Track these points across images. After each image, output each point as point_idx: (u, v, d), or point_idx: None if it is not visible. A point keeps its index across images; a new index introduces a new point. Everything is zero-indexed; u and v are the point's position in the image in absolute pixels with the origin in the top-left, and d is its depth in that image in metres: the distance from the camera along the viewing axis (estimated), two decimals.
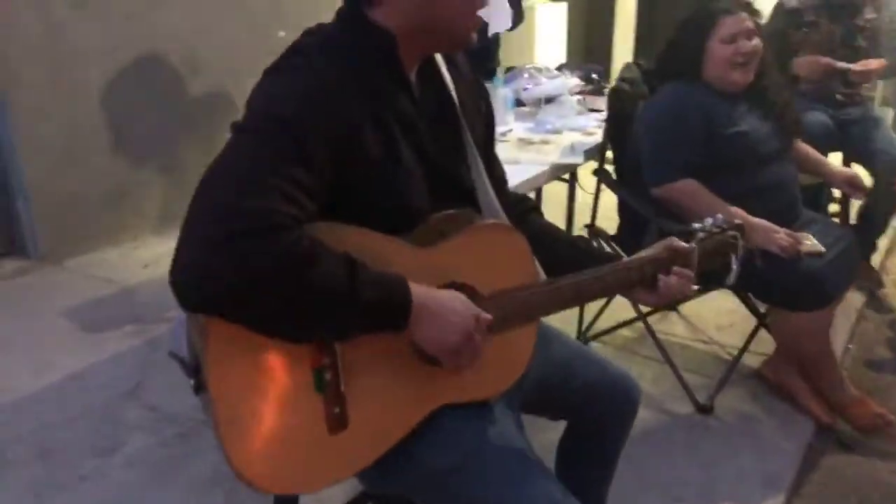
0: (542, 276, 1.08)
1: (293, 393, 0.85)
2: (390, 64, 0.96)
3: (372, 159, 0.91)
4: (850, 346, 2.45)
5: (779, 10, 2.65)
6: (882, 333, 2.58)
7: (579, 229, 2.57)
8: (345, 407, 0.88)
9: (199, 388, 0.84)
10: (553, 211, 3.15)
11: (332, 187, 0.88)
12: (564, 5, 5.79)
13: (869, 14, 2.65)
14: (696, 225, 1.18)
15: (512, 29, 2.40)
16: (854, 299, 2.67)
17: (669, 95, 1.98)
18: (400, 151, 0.95)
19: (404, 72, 0.98)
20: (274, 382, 0.84)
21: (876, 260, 3.00)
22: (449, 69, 1.08)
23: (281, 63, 0.93)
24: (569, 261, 1.10)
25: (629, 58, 6.49)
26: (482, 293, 0.97)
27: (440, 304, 0.88)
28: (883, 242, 3.01)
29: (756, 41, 1.91)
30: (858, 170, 2.50)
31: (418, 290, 0.87)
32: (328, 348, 0.86)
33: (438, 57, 1.07)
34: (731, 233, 1.19)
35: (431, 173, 1.00)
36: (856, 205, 2.81)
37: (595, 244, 2.28)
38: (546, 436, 1.32)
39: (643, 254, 1.11)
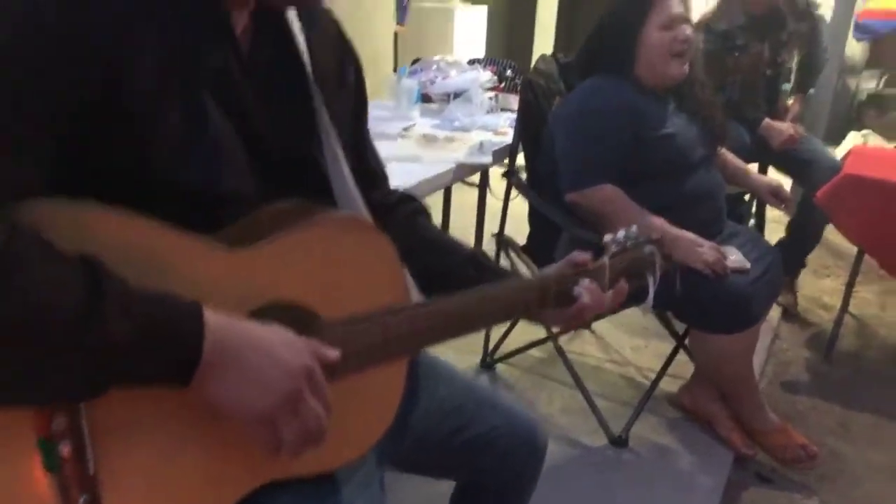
0: (416, 296, 0.81)
1: (6, 476, 0.54)
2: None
3: (150, 119, 0.62)
4: (766, 367, 2.33)
5: (709, 32, 2.52)
6: (797, 353, 2.47)
7: (489, 239, 2.34)
8: (97, 494, 0.58)
9: None
10: (461, 218, 2.92)
11: (82, 147, 0.59)
12: (484, 8, 5.62)
13: (791, 25, 2.57)
14: (608, 237, 0.96)
15: None
16: (770, 317, 2.57)
17: (593, 91, 1.76)
18: (204, 113, 0.66)
19: (223, 16, 0.70)
20: None
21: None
22: (305, 27, 0.81)
23: None
24: (463, 281, 0.85)
25: None
26: (325, 318, 0.69)
27: (251, 345, 0.59)
28: None
29: (690, 29, 1.73)
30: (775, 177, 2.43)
31: (217, 323, 0.58)
32: (64, 406, 0.55)
33: (292, 11, 0.79)
34: (647, 249, 0.98)
35: (258, 150, 0.72)
36: (775, 218, 2.73)
37: (510, 253, 2.07)
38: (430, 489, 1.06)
39: (545, 271, 0.89)
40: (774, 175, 2.62)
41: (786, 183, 2.28)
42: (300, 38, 0.78)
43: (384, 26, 4.13)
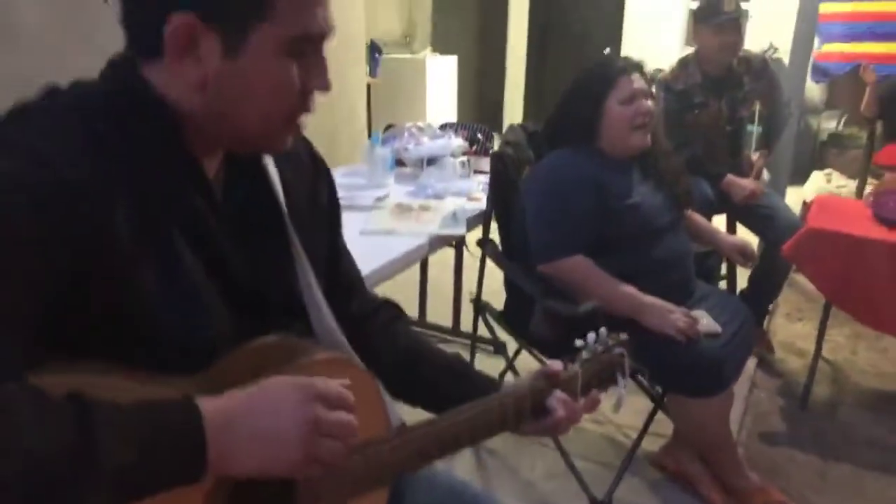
0: (395, 417, 0.83)
1: None
2: (170, 147, 0.70)
3: (128, 275, 0.64)
4: (744, 418, 2.36)
5: (668, 91, 2.62)
6: (774, 402, 2.51)
7: (468, 301, 2.36)
8: None
9: None
10: (440, 278, 2.95)
11: (67, 315, 0.60)
12: (454, 58, 5.76)
13: (748, 84, 2.68)
14: (579, 343, 0.99)
15: None
16: (746, 367, 2.60)
17: (558, 163, 1.82)
18: (178, 263, 0.68)
19: (194, 161, 0.72)
20: None
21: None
22: (277, 159, 0.83)
23: None
24: (441, 389, 0.90)
25: (520, 112, 6.56)
26: None
27: (252, 412, 0.61)
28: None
29: (651, 102, 1.80)
30: (742, 232, 2.49)
31: (213, 409, 0.60)
32: None
33: None
34: (617, 351, 1.02)
35: (234, 293, 0.74)
36: (742, 270, 2.79)
37: (487, 318, 2.09)
38: None
39: (519, 384, 0.92)
40: (741, 231, 2.70)
41: (747, 235, 2.35)
42: (274, 174, 0.81)
43: (357, 80, 4.21)
